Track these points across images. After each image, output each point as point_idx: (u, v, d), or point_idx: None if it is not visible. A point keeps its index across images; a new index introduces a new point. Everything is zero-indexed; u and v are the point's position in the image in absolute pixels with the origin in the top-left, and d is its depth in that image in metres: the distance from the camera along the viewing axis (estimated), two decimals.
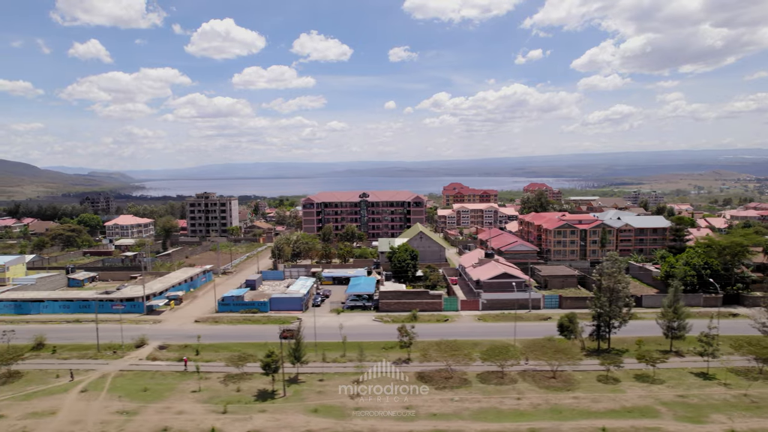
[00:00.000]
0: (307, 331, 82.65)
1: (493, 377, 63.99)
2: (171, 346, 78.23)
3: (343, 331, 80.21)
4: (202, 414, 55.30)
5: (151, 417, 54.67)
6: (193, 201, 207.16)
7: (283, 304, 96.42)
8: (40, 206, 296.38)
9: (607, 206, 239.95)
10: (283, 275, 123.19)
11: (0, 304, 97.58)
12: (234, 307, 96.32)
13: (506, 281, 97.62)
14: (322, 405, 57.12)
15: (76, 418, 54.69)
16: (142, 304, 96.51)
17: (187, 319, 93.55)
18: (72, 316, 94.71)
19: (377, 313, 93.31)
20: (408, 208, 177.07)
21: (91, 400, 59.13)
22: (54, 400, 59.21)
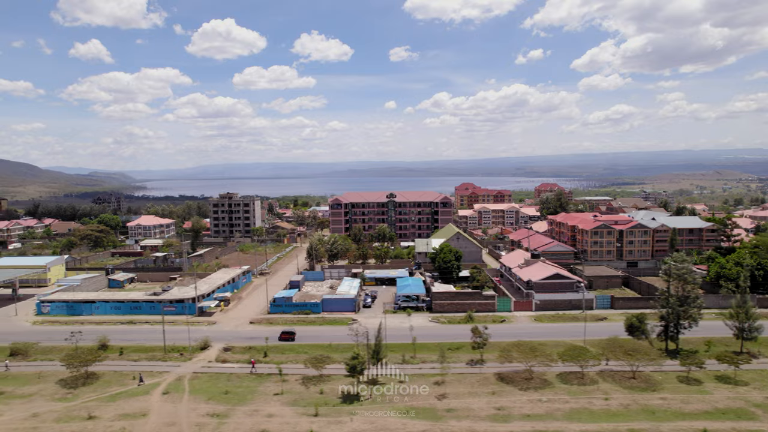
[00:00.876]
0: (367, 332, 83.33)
1: (572, 378, 64.06)
2: (235, 347, 78.02)
3: (404, 333, 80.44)
4: (293, 417, 55.21)
5: (244, 420, 54.54)
6: (216, 201, 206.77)
7: (335, 305, 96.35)
8: (59, 206, 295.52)
9: (626, 207, 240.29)
10: (323, 276, 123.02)
11: (52, 305, 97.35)
12: (286, 308, 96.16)
13: (558, 282, 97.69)
14: (411, 407, 57.09)
15: (168, 420, 54.54)
16: (193, 305, 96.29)
17: (240, 320, 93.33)
18: (125, 318, 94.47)
19: (432, 314, 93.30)
20: (435, 208, 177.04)
21: (176, 403, 59.02)
22: (139, 402, 59.09)
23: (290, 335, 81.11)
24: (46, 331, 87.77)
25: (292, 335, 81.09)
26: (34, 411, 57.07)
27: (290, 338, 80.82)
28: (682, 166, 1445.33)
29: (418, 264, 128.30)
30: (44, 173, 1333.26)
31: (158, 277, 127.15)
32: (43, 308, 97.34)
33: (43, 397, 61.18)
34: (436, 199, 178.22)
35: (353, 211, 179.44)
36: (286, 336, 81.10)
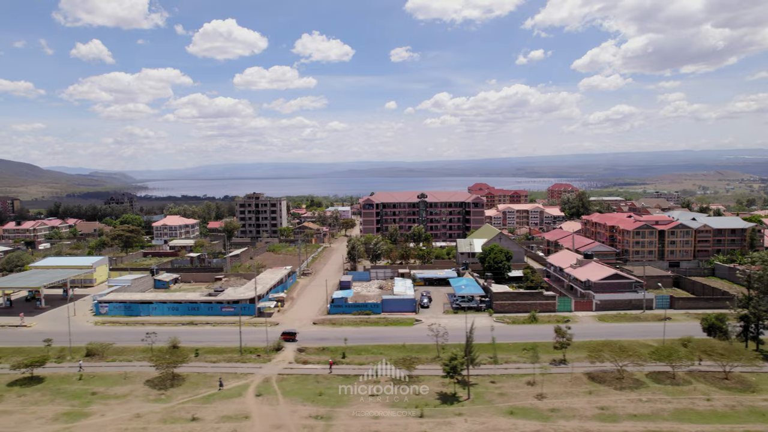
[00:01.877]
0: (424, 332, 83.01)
1: (663, 377, 63.87)
2: (308, 348, 77.61)
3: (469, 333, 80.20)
4: (400, 418, 54.84)
5: (350, 422, 54.12)
6: (243, 201, 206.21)
7: (396, 305, 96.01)
8: (80, 207, 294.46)
9: (650, 207, 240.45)
10: (369, 276, 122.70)
11: (110, 305, 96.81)
12: (346, 308, 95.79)
13: (617, 282, 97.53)
14: (514, 407, 56.83)
15: (275, 422, 54.11)
16: (252, 306, 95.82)
17: (301, 321, 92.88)
18: (184, 318, 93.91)
19: (495, 314, 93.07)
20: (467, 208, 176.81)
21: (273, 405, 58.56)
22: (235, 404, 58.62)
23: (292, 336, 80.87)
24: (110, 331, 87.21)
25: (293, 335, 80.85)
26: (136, 411, 56.61)
27: (292, 339, 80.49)
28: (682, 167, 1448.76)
29: (465, 264, 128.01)
30: (45, 173, 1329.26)
31: (202, 277, 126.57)
32: (101, 308, 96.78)
33: (137, 397, 60.72)
34: (468, 199, 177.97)
35: (384, 212, 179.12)
36: (286, 337, 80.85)
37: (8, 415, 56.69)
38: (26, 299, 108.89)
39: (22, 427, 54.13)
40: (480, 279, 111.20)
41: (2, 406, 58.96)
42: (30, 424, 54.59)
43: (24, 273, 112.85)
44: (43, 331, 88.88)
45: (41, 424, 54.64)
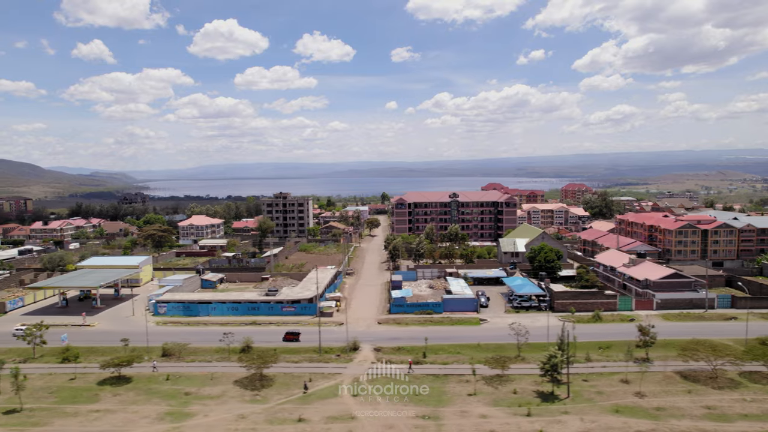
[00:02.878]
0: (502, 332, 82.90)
1: (758, 377, 63.71)
2: (384, 348, 77.36)
3: (539, 332, 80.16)
4: (508, 417, 54.59)
5: (460, 421, 53.83)
6: (270, 201, 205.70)
7: (457, 305, 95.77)
8: (101, 206, 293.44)
9: (673, 206, 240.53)
10: (416, 276, 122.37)
11: (169, 305, 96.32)
12: (407, 308, 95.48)
13: (677, 281, 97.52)
14: (618, 405, 56.56)
15: (384, 422, 53.72)
16: (313, 306, 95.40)
17: (364, 320, 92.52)
18: (246, 318, 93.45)
19: (557, 314, 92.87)
20: (499, 208, 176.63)
21: (374, 405, 58.17)
22: (335, 405, 58.22)
23: (295, 336, 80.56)
24: (175, 331, 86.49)
25: (297, 336, 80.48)
26: (238, 412, 56.20)
27: (295, 339, 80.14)
28: (683, 167, 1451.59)
29: (513, 264, 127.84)
30: (47, 173, 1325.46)
31: (247, 277, 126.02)
32: (159, 308, 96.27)
33: (233, 398, 60.28)
34: (500, 199, 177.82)
35: (416, 211, 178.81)
36: (290, 337, 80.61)
37: (112, 414, 56.28)
38: (79, 299, 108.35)
39: (130, 426, 53.72)
40: (532, 279, 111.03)
41: (102, 405, 58.54)
42: (137, 424, 54.18)
43: (76, 273, 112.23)
44: (106, 331, 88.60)
45: (148, 423, 54.23)
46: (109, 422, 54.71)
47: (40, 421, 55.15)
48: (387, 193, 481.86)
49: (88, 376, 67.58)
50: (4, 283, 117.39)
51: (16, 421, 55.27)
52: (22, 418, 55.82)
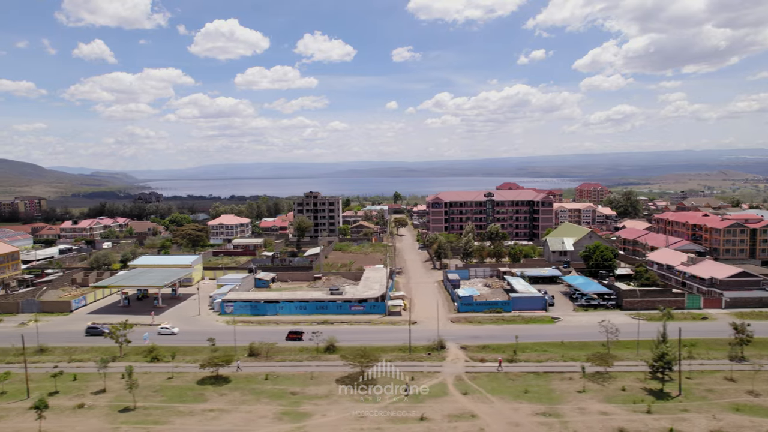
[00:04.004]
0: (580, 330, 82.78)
1: None
2: (470, 346, 77.16)
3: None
4: (628, 414, 54.38)
5: (582, 418, 53.64)
6: (301, 200, 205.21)
7: (525, 303, 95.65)
8: (125, 206, 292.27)
9: (699, 206, 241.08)
10: (468, 274, 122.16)
11: (235, 305, 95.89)
12: (476, 307, 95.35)
13: (744, 279, 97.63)
14: (735, 404, 56.39)
15: (510, 420, 53.48)
16: (382, 305, 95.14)
17: (434, 319, 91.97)
18: (317, 317, 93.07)
19: (626, 312, 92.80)
20: (535, 207, 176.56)
21: (488, 402, 57.88)
22: (450, 403, 57.94)
23: (298, 335, 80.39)
24: (248, 331, 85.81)
25: (300, 335, 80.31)
26: (356, 412, 55.84)
27: (298, 338, 79.94)
28: (684, 167, 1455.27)
29: (566, 262, 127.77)
30: (49, 173, 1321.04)
31: (298, 276, 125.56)
32: (226, 308, 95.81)
33: (342, 397, 59.92)
34: (536, 198, 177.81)
35: (451, 210, 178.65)
36: (293, 336, 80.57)
37: (228, 414, 55.85)
38: (137, 298, 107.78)
39: (251, 426, 53.30)
40: (590, 278, 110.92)
41: (213, 404, 58.07)
42: (257, 423, 53.76)
43: (132, 272, 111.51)
44: (180, 330, 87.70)
45: (268, 423, 53.81)
46: (228, 422, 54.30)
47: (160, 419, 54.71)
48: (399, 193, 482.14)
49: (184, 375, 67.15)
50: (58, 283, 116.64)
51: (136, 419, 54.82)
52: (140, 417, 55.38)
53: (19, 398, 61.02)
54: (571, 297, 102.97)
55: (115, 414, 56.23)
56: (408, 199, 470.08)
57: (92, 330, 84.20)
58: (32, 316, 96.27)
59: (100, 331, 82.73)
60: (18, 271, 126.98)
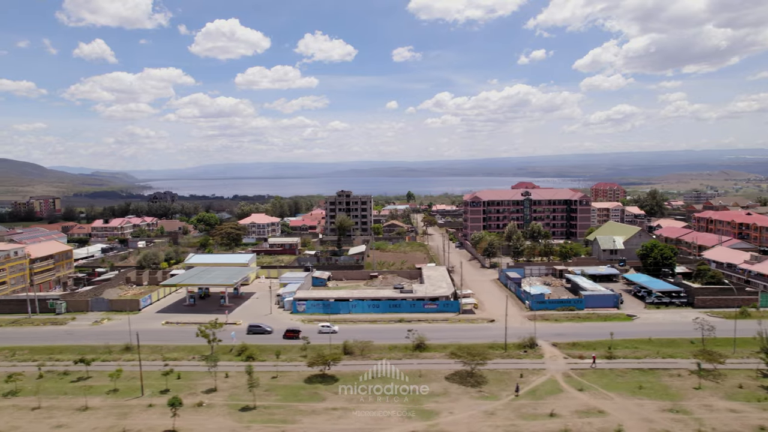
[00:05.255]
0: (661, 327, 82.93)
1: None
2: (559, 344, 77.05)
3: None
4: (759, 411, 54.27)
5: (713, 415, 53.53)
6: (333, 199, 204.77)
7: (597, 301, 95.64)
8: (149, 206, 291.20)
9: (728, 205, 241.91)
10: (523, 273, 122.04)
11: (307, 303, 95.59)
12: (549, 305, 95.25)
13: None
14: None
15: (640, 416, 53.32)
16: (455, 303, 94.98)
17: (508, 317, 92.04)
18: (392, 315, 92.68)
19: (699, 310, 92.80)
20: (572, 206, 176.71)
21: (608, 399, 57.64)
22: (568, 399, 57.79)
23: (295, 333, 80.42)
24: None
25: (297, 333, 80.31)
26: (482, 409, 55.69)
27: (295, 337, 79.92)
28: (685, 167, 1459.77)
29: (623, 260, 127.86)
30: (50, 173, 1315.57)
31: (353, 275, 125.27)
32: (298, 306, 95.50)
33: (461, 394, 59.66)
34: (573, 197, 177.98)
35: (488, 209, 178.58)
36: (290, 334, 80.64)
37: (352, 412, 55.39)
38: (200, 297, 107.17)
39: (382, 424, 52.96)
40: (647, 275, 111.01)
41: (333, 403, 57.71)
42: (386, 422, 53.41)
43: (194, 271, 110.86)
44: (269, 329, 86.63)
45: (397, 422, 53.48)
46: (357, 419, 53.98)
47: (287, 418, 54.35)
48: (412, 192, 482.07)
49: (288, 374, 66.72)
50: (115, 281, 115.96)
51: (262, 418, 54.42)
52: (264, 416, 54.99)
53: (134, 395, 60.68)
54: (636, 295, 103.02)
55: (237, 413, 55.82)
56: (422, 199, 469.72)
57: (254, 328, 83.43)
58: (102, 314, 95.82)
59: (263, 329, 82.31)
60: (71, 270, 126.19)
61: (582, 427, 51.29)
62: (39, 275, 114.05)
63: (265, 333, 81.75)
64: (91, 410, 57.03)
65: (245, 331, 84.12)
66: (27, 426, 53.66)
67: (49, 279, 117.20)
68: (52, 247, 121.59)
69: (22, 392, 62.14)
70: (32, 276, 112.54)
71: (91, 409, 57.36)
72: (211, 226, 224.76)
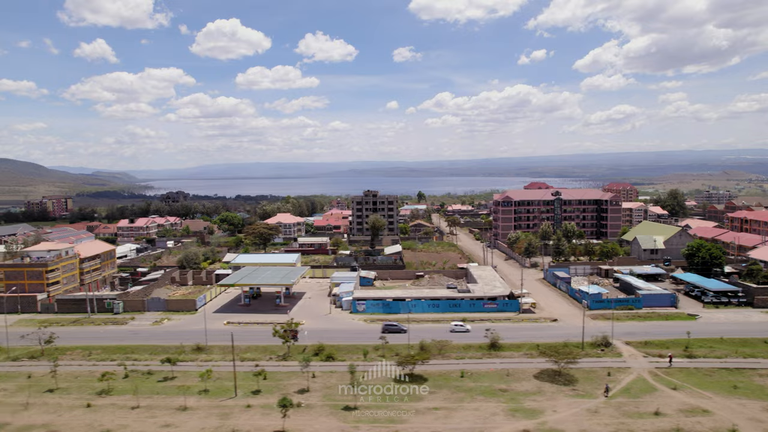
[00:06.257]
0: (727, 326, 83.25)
1: None
2: (632, 342, 77.24)
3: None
4: None
5: None
6: (360, 199, 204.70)
7: (655, 300, 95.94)
8: (170, 206, 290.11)
9: (750, 205, 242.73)
10: (568, 272, 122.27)
11: (367, 303, 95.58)
12: (607, 303, 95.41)
13: None
14: None
15: (747, 415, 53.49)
16: (515, 302, 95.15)
17: (566, 315, 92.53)
18: (455, 315, 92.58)
19: (760, 309, 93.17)
20: (603, 206, 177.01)
21: (704, 398, 57.77)
22: (666, 398, 57.88)
23: (294, 333, 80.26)
24: None
25: (294, 334, 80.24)
26: (584, 407, 55.81)
27: (294, 337, 79.75)
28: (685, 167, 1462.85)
29: (667, 260, 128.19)
30: (51, 173, 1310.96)
31: (398, 275, 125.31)
32: (358, 306, 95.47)
33: (556, 393, 59.77)
34: (603, 197, 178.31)
35: (519, 209, 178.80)
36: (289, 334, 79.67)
37: (455, 412, 55.40)
38: (252, 296, 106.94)
39: (489, 424, 52.99)
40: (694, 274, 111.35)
41: (432, 403, 57.66)
42: (493, 420, 53.44)
43: (246, 270, 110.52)
44: (318, 329, 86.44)
45: (504, 420, 53.45)
46: (463, 419, 54.00)
47: (395, 418, 54.30)
48: (423, 192, 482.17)
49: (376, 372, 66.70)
50: (161, 281, 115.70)
51: (368, 418, 54.32)
52: (369, 415, 54.85)
53: (227, 396, 60.57)
54: (689, 294, 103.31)
55: (340, 413, 55.77)
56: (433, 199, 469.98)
57: (390, 327, 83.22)
58: (160, 314, 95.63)
59: (399, 328, 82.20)
60: (114, 270, 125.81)
61: (693, 427, 51.43)
62: (87, 275, 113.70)
63: (401, 332, 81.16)
64: (190, 410, 56.94)
65: (380, 329, 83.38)
66: (134, 425, 53.55)
67: (96, 279, 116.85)
68: (98, 247, 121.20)
69: (114, 391, 62.04)
70: (81, 275, 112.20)
71: (190, 409, 57.27)
72: (234, 225, 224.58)
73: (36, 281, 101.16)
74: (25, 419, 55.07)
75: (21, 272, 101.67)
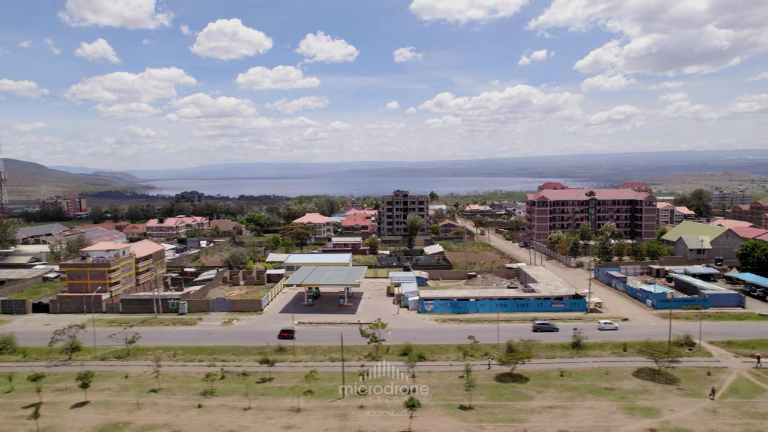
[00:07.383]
0: None
1: None
2: (714, 342, 77.19)
3: None
4: None
5: None
6: (390, 199, 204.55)
7: (721, 300, 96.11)
8: (195, 206, 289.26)
9: (764, 204, 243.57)
10: (620, 271, 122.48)
11: (435, 303, 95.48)
12: (673, 303, 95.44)
13: None
14: None
15: None
16: (582, 302, 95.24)
17: (633, 315, 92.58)
18: (520, 314, 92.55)
19: None
20: (637, 206, 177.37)
21: None
22: None
23: (290, 333, 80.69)
24: (461, 329, 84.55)
25: (291, 333, 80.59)
26: (699, 406, 55.81)
27: (290, 336, 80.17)
28: (686, 167, 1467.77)
29: (720, 260, 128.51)
30: (52, 173, 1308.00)
31: (449, 275, 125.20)
32: (426, 306, 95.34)
33: (662, 392, 59.79)
34: (638, 197, 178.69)
35: (554, 209, 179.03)
36: (285, 334, 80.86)
37: (571, 410, 55.37)
38: (313, 296, 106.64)
39: (610, 422, 52.96)
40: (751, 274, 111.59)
41: (544, 401, 57.58)
42: (614, 419, 53.38)
43: (305, 271, 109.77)
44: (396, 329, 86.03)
45: (625, 420, 53.37)
46: (583, 417, 53.98)
47: (515, 417, 54.19)
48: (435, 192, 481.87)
49: (474, 373, 66.49)
50: (215, 281, 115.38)
51: (488, 418, 54.15)
52: (487, 415, 54.72)
53: (333, 396, 60.28)
54: (750, 294, 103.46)
55: (458, 412, 55.60)
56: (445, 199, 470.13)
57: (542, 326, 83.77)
58: (225, 314, 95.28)
59: (551, 327, 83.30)
60: (164, 270, 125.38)
61: None
62: (141, 275, 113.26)
63: (553, 331, 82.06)
64: (304, 411, 56.68)
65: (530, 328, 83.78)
66: (254, 426, 53.29)
67: (149, 279, 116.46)
68: (151, 247, 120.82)
69: (217, 392, 61.73)
70: (137, 276, 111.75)
71: (303, 410, 57.00)
72: (261, 225, 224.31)
73: (99, 281, 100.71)
74: (144, 419, 54.79)
75: (84, 272, 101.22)
